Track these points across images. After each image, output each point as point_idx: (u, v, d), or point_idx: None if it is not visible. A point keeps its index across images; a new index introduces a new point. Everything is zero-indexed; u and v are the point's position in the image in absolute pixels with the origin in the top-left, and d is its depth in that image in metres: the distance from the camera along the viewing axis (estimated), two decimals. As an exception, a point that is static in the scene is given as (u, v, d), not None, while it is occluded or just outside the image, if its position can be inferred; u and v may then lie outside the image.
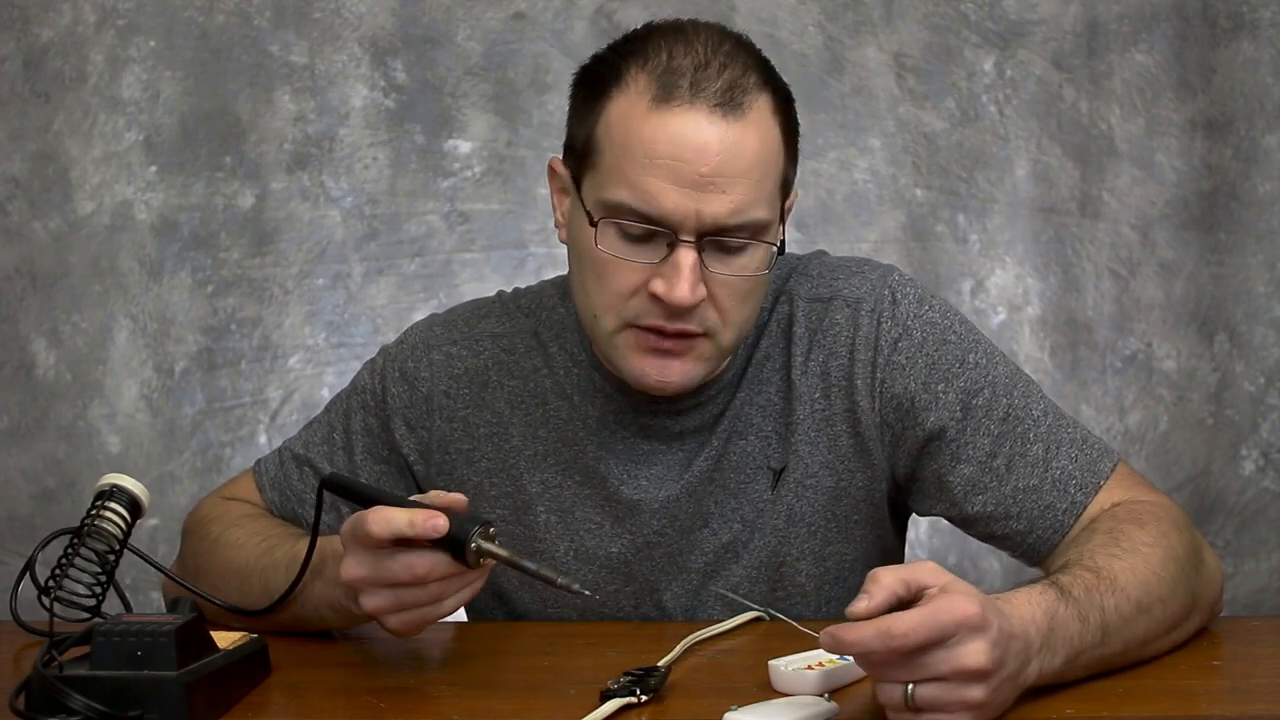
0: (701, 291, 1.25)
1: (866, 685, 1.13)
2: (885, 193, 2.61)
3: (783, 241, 1.32)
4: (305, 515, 1.47)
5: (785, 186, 1.32)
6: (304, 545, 1.29)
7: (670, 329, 1.27)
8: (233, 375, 2.63)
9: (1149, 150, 2.59)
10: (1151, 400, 2.60)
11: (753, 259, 1.28)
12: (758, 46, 1.32)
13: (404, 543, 1.14)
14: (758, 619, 1.36)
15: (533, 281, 1.54)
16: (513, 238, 2.63)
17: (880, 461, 1.37)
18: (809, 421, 1.37)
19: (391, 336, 2.18)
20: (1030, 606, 1.05)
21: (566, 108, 1.36)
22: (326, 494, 1.47)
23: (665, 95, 1.24)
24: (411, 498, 1.19)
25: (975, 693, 0.99)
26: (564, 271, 1.50)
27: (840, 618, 1.39)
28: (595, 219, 1.27)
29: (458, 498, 1.17)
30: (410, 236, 2.64)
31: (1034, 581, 1.11)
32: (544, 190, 2.59)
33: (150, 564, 1.41)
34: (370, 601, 1.16)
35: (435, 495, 1.18)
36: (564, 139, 1.34)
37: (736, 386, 1.39)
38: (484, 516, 1.17)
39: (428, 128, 2.63)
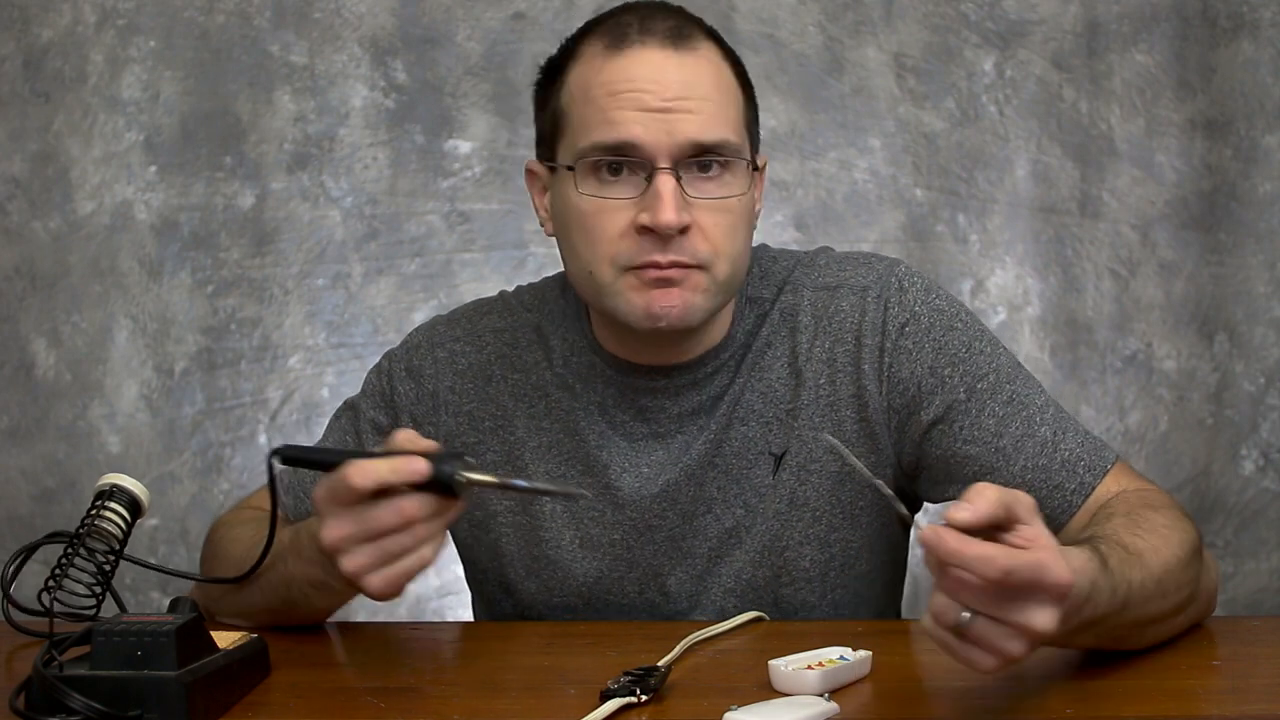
0: (686, 216, 1.28)
1: (867, 685, 1.13)
2: (885, 193, 2.61)
3: (760, 169, 1.37)
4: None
5: (751, 134, 1.36)
6: (289, 531, 1.29)
7: (664, 261, 1.29)
8: (233, 375, 2.63)
9: (1149, 150, 2.59)
10: (1151, 400, 2.60)
11: (730, 184, 1.31)
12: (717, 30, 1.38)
13: (380, 495, 1.13)
14: (758, 619, 1.36)
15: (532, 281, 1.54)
16: (513, 238, 2.63)
17: (886, 447, 1.38)
18: (814, 407, 1.38)
19: (392, 336, 2.17)
20: (1082, 575, 1.03)
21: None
22: (305, 480, 1.47)
23: (617, 43, 1.31)
24: (377, 450, 1.17)
25: (1019, 647, 0.99)
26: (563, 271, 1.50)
27: (846, 606, 1.39)
28: (572, 166, 1.31)
29: (428, 442, 1.15)
30: (410, 236, 2.64)
31: (1079, 544, 1.09)
32: (544, 190, 2.59)
33: (147, 566, 1.41)
34: (352, 561, 1.14)
35: (404, 438, 1.16)
36: (535, 141, 1.40)
37: (735, 372, 1.40)
38: (455, 449, 1.15)
39: (428, 128, 2.63)
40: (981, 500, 0.98)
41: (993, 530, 0.98)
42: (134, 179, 2.62)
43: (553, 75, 1.36)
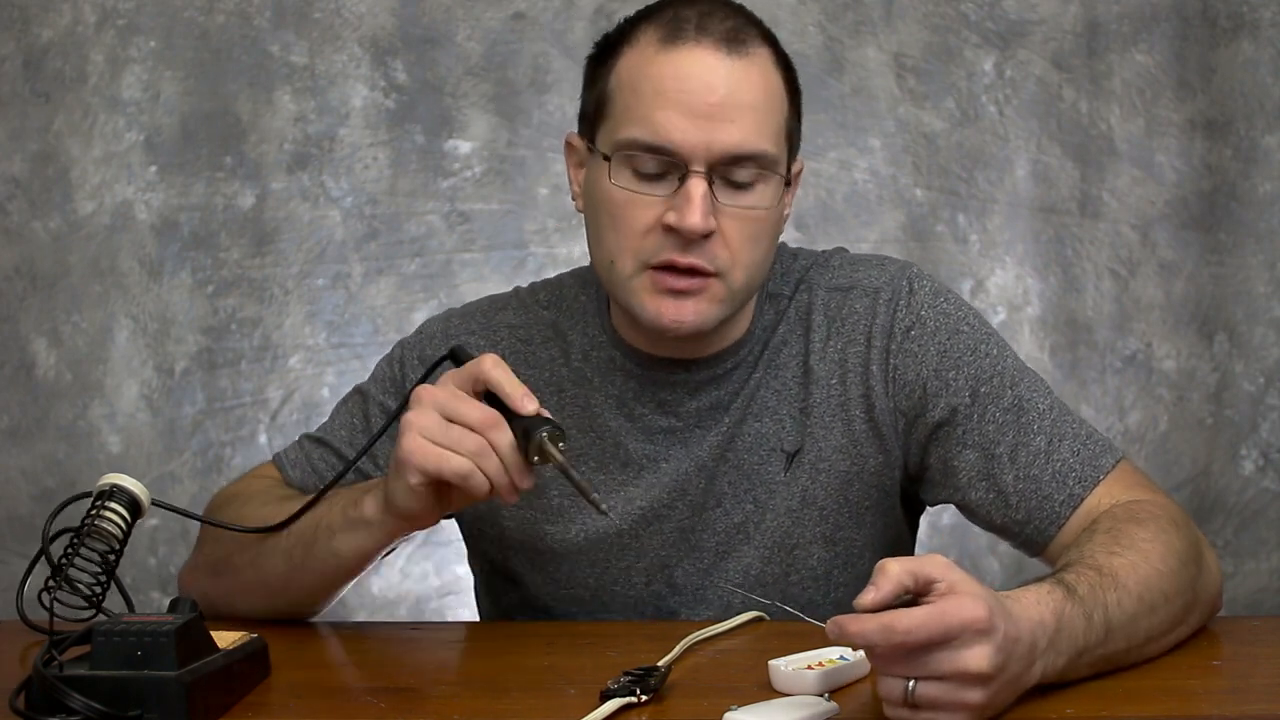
0: (712, 222, 1.29)
1: (866, 685, 1.13)
2: (885, 193, 2.61)
3: (794, 175, 1.38)
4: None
5: (791, 142, 1.36)
6: (353, 491, 1.32)
7: (683, 263, 1.30)
8: (233, 375, 2.63)
9: (1149, 150, 2.59)
10: (1151, 400, 2.60)
11: (761, 195, 1.31)
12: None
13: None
14: (758, 619, 1.36)
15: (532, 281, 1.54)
16: (513, 238, 2.62)
17: (894, 448, 1.40)
18: (825, 406, 1.39)
19: (392, 336, 2.17)
20: (1038, 607, 1.05)
21: (566, 107, 1.38)
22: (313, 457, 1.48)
23: (671, 38, 1.31)
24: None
25: (974, 695, 0.99)
26: (564, 270, 1.50)
27: (849, 604, 1.40)
28: (609, 155, 1.31)
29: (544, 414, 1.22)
30: (410, 236, 2.64)
31: (1041, 579, 1.11)
32: (544, 190, 2.59)
33: (177, 511, 1.40)
34: (419, 418, 1.21)
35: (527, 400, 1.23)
36: (578, 114, 1.40)
37: (753, 368, 1.41)
38: (561, 426, 1.22)
39: (428, 128, 2.63)
40: (884, 579, 0.99)
41: (914, 598, 1.00)
42: (134, 179, 2.61)
43: (605, 55, 1.36)
